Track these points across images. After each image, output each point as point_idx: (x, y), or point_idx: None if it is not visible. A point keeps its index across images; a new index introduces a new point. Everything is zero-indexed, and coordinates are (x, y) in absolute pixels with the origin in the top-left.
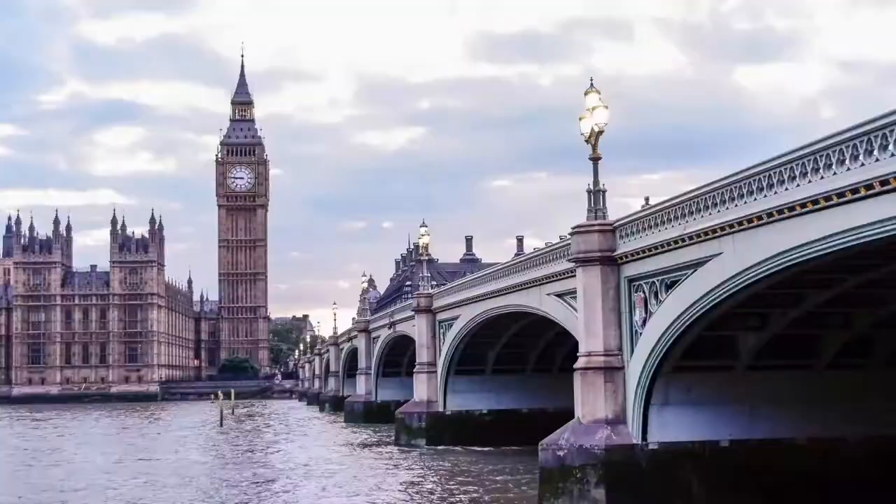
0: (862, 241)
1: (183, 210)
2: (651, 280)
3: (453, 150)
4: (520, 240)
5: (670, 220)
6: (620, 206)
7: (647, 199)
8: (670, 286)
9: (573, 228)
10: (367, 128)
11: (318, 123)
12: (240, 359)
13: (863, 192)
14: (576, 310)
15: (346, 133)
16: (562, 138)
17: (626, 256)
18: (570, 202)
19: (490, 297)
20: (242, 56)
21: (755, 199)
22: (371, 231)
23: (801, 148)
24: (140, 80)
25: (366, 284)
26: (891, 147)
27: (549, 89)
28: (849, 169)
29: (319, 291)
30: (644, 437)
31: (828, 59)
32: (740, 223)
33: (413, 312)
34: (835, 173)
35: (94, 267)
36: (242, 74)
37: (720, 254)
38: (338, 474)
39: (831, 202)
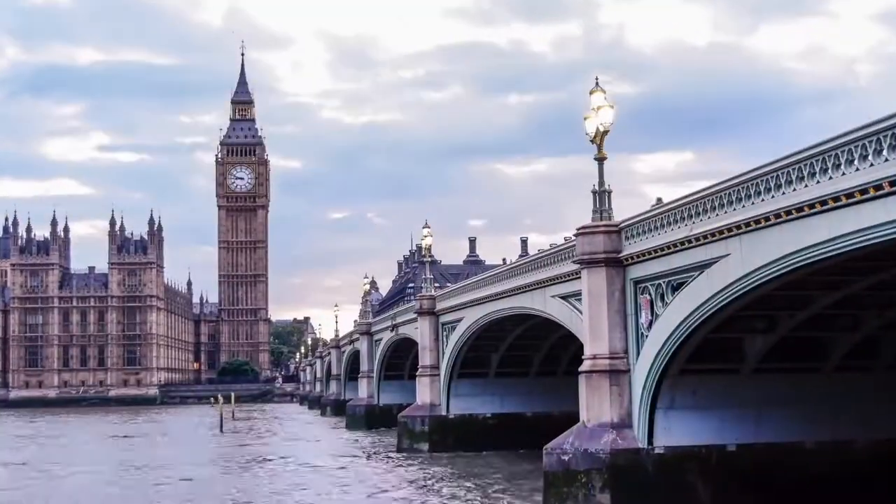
0: (871, 242)
1: (145, 200)
2: (657, 282)
3: (441, 127)
4: (524, 241)
5: (677, 220)
6: (627, 192)
7: (658, 199)
8: (677, 288)
9: (578, 229)
10: (343, 102)
11: (291, 100)
12: (240, 361)
13: (872, 193)
14: (581, 312)
15: (321, 108)
16: (560, 110)
17: (632, 258)
18: (570, 182)
19: (494, 300)
20: (242, 55)
21: (763, 200)
22: (356, 221)
23: (809, 148)
24: (83, 47)
25: (367, 286)
26: None
27: (545, 53)
28: (857, 169)
29: (308, 290)
30: (650, 442)
31: (865, 14)
32: (748, 224)
33: (416, 315)
34: (843, 174)
35: (92, 269)
36: (242, 73)
37: (727, 255)
38: (340, 481)
39: (840, 203)
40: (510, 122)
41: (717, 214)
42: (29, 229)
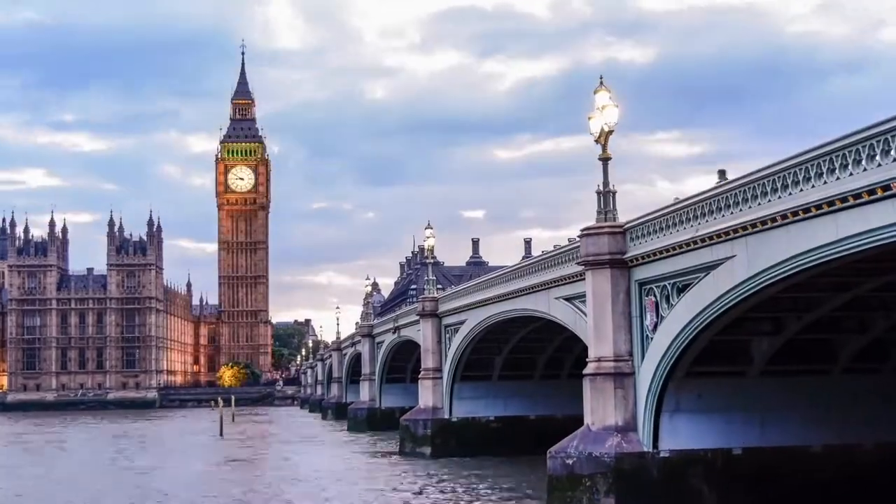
0: (879, 243)
1: (119, 192)
2: (662, 283)
3: (426, 102)
4: (527, 242)
5: (682, 221)
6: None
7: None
8: (682, 290)
9: (582, 230)
10: (317, 76)
11: (260, 75)
12: (240, 364)
13: (880, 193)
14: (585, 314)
15: (299, 86)
16: (560, 82)
17: (637, 259)
18: (570, 167)
19: (497, 301)
20: (243, 54)
21: (769, 201)
22: (343, 212)
23: (816, 148)
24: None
25: (369, 288)
26: None
27: (543, 20)
28: (865, 169)
29: (300, 288)
30: (655, 445)
31: None
32: (754, 225)
33: (418, 317)
34: (851, 174)
35: (90, 270)
36: (243, 73)
37: (733, 256)
38: (341, 485)
39: (847, 203)
40: (503, 99)
41: (723, 215)
42: (27, 230)
